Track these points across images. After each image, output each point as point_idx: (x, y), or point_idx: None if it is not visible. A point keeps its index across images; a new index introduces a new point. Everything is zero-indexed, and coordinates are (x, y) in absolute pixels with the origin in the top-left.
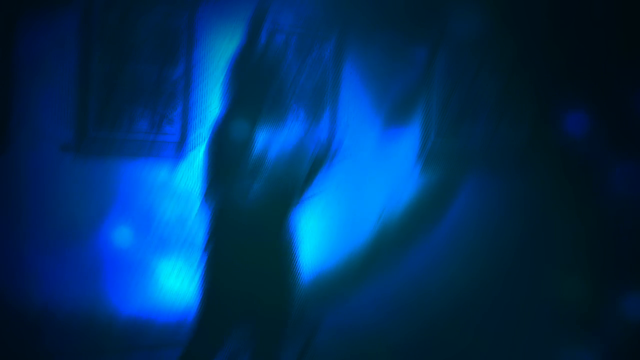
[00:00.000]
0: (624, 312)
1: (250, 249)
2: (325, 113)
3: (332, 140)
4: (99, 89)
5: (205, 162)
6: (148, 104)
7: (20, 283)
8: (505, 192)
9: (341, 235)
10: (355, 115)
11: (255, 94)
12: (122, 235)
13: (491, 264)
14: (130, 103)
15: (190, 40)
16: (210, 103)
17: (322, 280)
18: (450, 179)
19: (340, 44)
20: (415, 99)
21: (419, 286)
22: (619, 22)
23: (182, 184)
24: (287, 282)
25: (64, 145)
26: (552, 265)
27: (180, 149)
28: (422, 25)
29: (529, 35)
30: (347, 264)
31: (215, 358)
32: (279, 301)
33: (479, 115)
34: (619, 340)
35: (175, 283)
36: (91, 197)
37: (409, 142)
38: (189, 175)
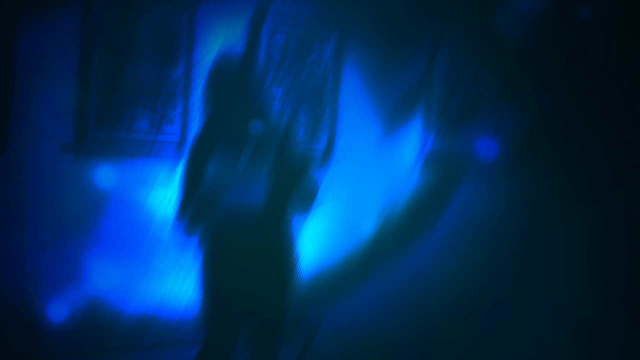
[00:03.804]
0: (623, 313)
1: (249, 248)
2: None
3: (332, 140)
4: (99, 89)
5: (184, 177)
6: (148, 104)
7: (21, 283)
8: (505, 192)
9: (341, 234)
10: (355, 115)
11: (239, 102)
12: (121, 236)
13: (491, 264)
14: (130, 103)
15: (190, 40)
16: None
17: (321, 280)
18: (450, 179)
19: (340, 44)
20: (415, 99)
21: (418, 286)
22: (619, 22)
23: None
24: (287, 282)
25: (64, 145)
26: (552, 265)
27: (180, 149)
28: (422, 25)
29: (529, 35)
30: (347, 263)
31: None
32: (278, 301)
33: (479, 115)
34: (618, 339)
35: (175, 283)
36: (91, 197)
37: (409, 142)
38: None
